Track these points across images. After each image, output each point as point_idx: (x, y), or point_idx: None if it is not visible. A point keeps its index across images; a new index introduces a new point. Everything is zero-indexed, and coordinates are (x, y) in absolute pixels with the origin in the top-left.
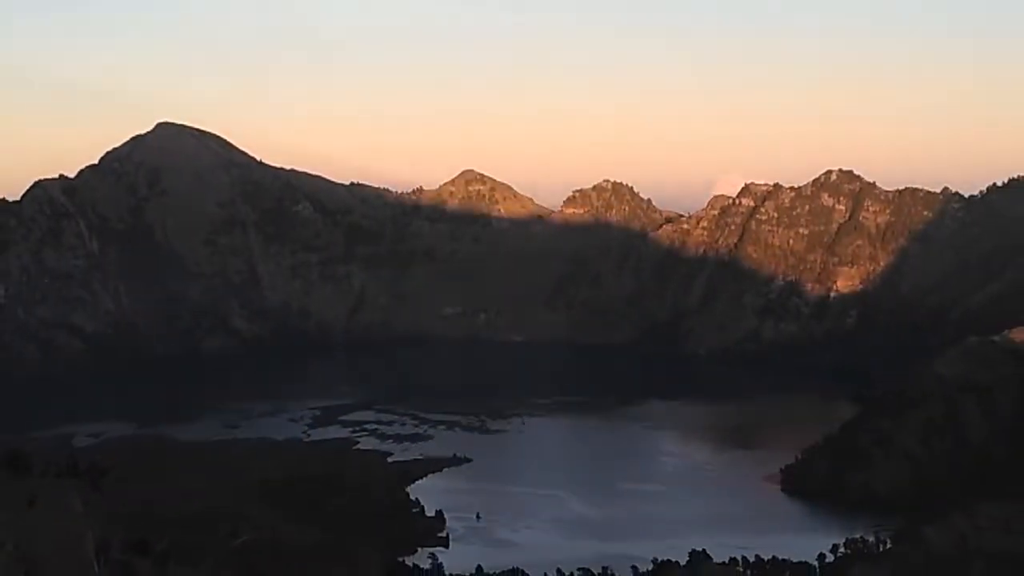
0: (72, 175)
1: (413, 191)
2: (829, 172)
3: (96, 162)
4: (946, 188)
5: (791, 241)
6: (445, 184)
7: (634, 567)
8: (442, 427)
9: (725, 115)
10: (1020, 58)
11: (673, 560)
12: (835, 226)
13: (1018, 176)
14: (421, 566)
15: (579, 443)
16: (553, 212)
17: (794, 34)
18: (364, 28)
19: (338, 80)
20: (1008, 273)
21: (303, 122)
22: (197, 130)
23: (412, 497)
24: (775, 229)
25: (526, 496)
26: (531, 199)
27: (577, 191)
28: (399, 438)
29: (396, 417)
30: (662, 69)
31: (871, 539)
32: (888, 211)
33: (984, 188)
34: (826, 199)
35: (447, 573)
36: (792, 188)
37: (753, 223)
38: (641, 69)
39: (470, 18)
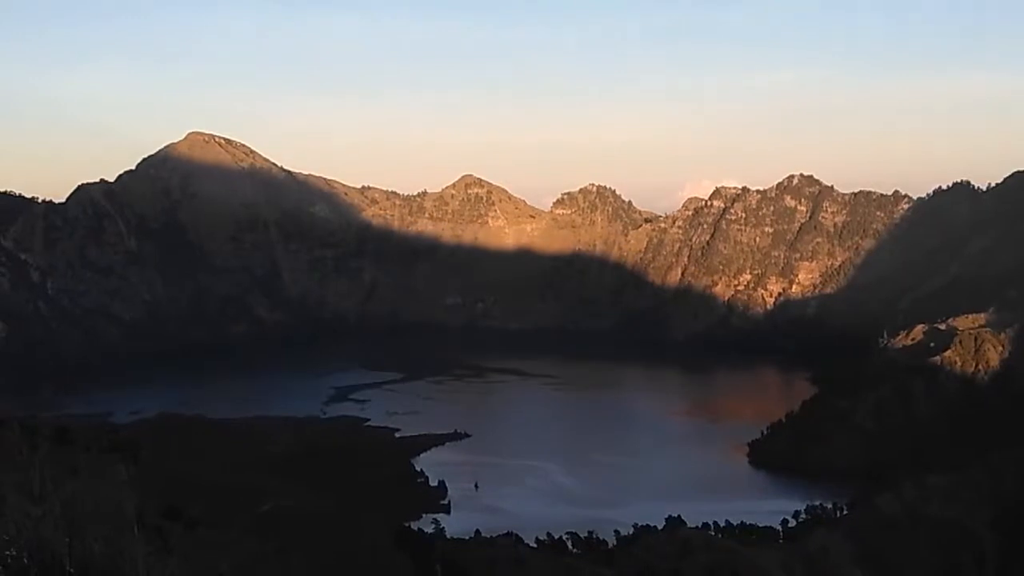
0: (112, 179)
1: (418, 194)
2: (791, 177)
3: (134, 168)
4: (896, 191)
5: (757, 239)
6: (447, 187)
7: (616, 531)
8: (444, 404)
9: (698, 125)
10: (964, 74)
11: (651, 525)
12: (797, 225)
13: (961, 180)
14: (425, 530)
15: (567, 419)
16: (544, 212)
17: (758, 54)
18: (374, 47)
19: (352, 95)
20: (952, 268)
21: (320, 132)
22: (224, 139)
23: (417, 468)
24: (743, 228)
25: (520, 468)
26: (524, 201)
27: (565, 194)
28: (405, 415)
29: (403, 396)
30: (643, 84)
31: (829, 506)
32: (844, 212)
33: (931, 191)
34: (789, 201)
35: (449, 536)
36: (758, 191)
37: (723, 222)
38: (624, 83)
39: (469, 38)
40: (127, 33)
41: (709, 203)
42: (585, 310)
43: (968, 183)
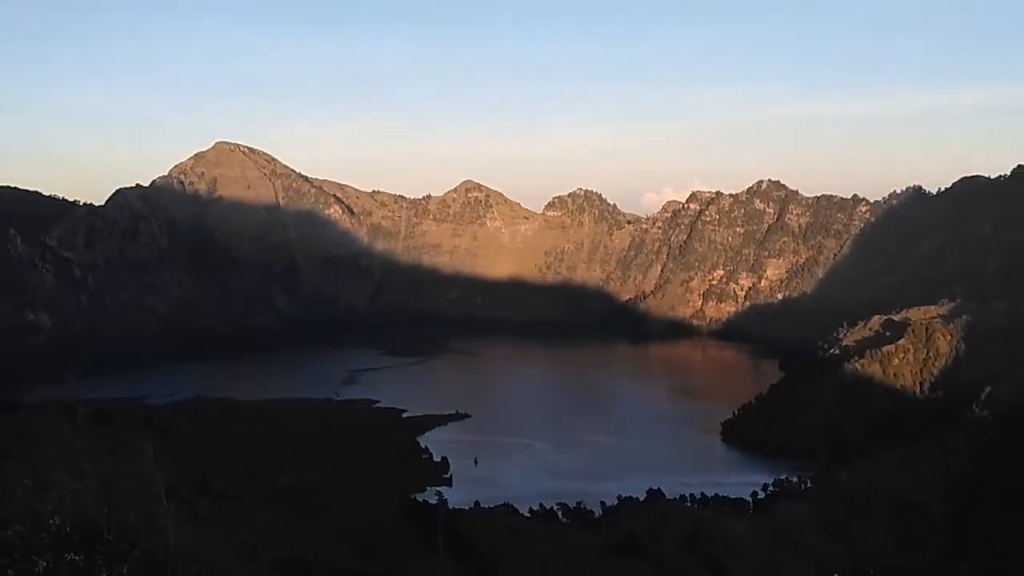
0: (147, 185)
1: (423, 197)
2: (760, 182)
3: (166, 174)
4: (855, 195)
5: (730, 238)
6: (449, 192)
7: (602, 502)
8: (445, 387)
9: (677, 135)
10: (917, 90)
11: (634, 496)
12: (765, 226)
13: (913, 185)
14: (429, 501)
15: (557, 401)
16: (537, 215)
17: (730, 69)
18: (384, 66)
19: (363, 108)
20: (905, 264)
21: (335, 142)
22: (248, 148)
23: (422, 445)
24: (717, 228)
25: (514, 445)
26: (519, 204)
27: (556, 198)
28: (411, 397)
29: (408, 380)
30: (627, 98)
31: (794, 480)
32: (808, 214)
33: (886, 195)
34: (758, 204)
35: (451, 507)
36: (731, 195)
37: (699, 223)
38: (610, 97)
39: (471, 58)
40: (161, 53)
41: (686, 206)
42: (573, 303)
43: (920, 188)
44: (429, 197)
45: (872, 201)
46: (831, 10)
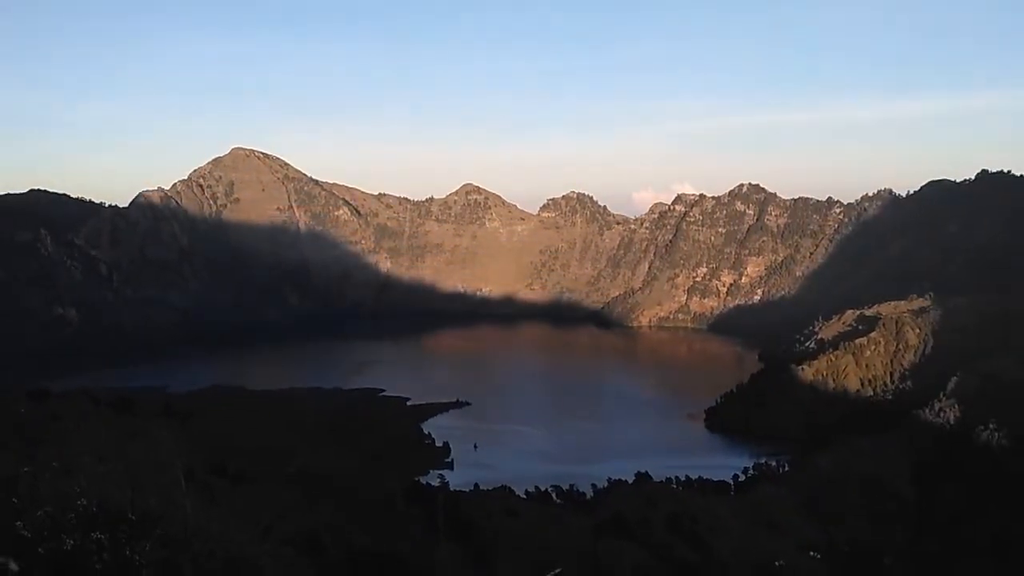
0: (167, 187)
1: (426, 199)
2: (741, 185)
3: (185, 177)
4: (830, 197)
5: (712, 238)
6: (450, 194)
7: (593, 484)
8: (446, 377)
9: (663, 143)
10: (888, 99)
11: (623, 479)
12: (746, 227)
13: (884, 188)
14: (432, 484)
15: (551, 392)
16: (532, 216)
17: (712, 81)
18: (390, 75)
19: (371, 115)
20: (876, 263)
21: (344, 147)
22: (262, 153)
23: (425, 432)
24: (700, 228)
25: (511, 432)
26: (516, 206)
27: (550, 200)
28: (415, 386)
29: (412, 370)
30: (617, 107)
31: (773, 464)
32: (786, 215)
33: (859, 197)
34: (739, 206)
35: (452, 489)
36: (713, 197)
37: (684, 224)
38: (602, 105)
39: (471, 70)
40: (179, 64)
41: (672, 208)
42: (567, 299)
43: (890, 191)
44: (432, 199)
45: (846, 203)
46: (808, 21)
